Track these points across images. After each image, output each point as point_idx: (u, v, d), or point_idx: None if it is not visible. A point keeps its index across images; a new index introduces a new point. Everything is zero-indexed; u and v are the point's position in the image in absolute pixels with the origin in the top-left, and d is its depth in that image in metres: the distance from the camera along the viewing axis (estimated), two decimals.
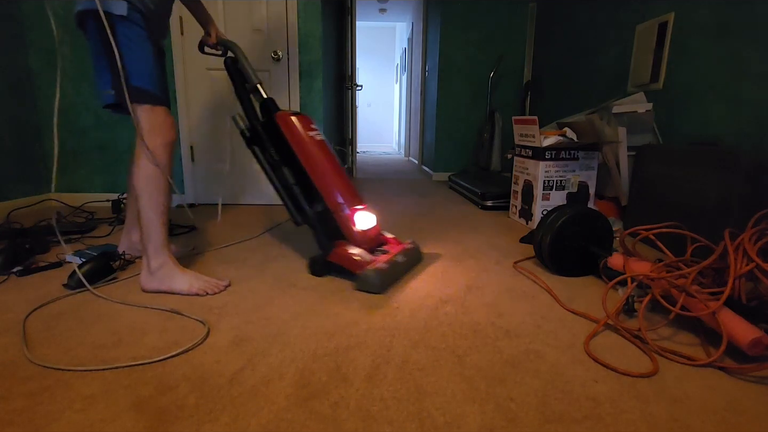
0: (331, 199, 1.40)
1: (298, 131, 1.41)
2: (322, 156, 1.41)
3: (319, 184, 1.40)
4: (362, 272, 1.26)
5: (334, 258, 1.35)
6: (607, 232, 1.44)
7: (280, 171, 1.43)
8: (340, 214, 1.39)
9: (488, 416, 0.73)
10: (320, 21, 2.45)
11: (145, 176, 1.19)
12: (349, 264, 1.32)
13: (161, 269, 1.22)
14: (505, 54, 3.73)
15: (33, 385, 0.79)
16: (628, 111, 1.95)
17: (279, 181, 1.45)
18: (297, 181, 1.43)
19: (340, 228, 1.40)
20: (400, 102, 8.05)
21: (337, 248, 1.36)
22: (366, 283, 1.26)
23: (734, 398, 0.79)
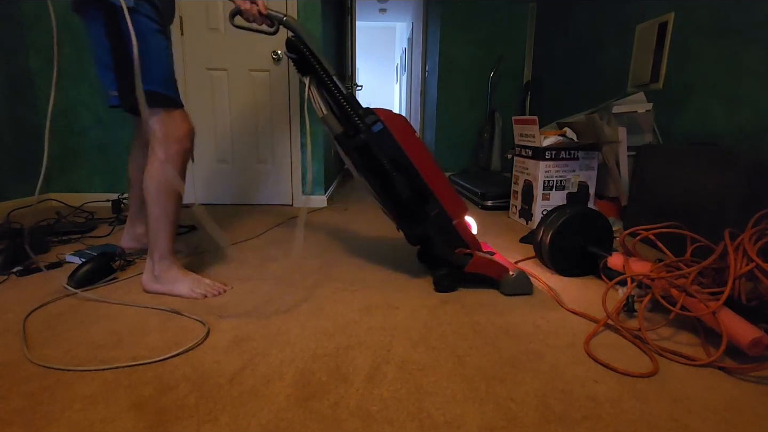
0: (450, 205, 1.26)
1: (411, 132, 1.25)
2: (432, 160, 1.27)
3: (438, 192, 1.25)
4: (509, 275, 1.23)
5: (476, 268, 1.25)
6: (607, 232, 1.44)
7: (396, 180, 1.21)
8: (462, 221, 1.28)
9: (488, 416, 0.73)
10: (320, 21, 2.45)
11: (156, 184, 1.15)
12: (494, 270, 1.26)
13: (165, 274, 1.21)
14: (505, 54, 3.73)
15: (33, 385, 0.79)
16: (628, 111, 1.95)
17: (390, 194, 1.24)
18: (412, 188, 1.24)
19: (462, 235, 1.27)
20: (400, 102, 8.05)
21: (477, 257, 1.25)
22: (521, 285, 1.23)
23: (734, 398, 0.79)
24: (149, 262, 1.21)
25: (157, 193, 1.15)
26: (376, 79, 9.27)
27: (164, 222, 1.18)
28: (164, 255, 1.20)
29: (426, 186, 1.23)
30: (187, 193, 2.61)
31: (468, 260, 1.25)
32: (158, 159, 1.13)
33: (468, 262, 1.25)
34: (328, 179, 2.86)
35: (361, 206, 2.67)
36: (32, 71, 2.40)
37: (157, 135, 1.13)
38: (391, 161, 1.20)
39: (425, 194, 1.24)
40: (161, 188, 1.15)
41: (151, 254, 1.20)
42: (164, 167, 1.13)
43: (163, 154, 1.13)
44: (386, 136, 1.20)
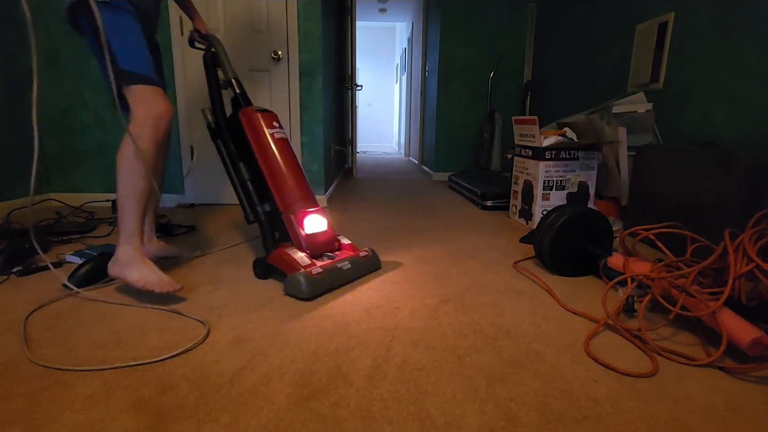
0: (282, 199, 1.37)
1: (258, 127, 1.40)
2: (278, 154, 1.39)
3: (271, 182, 1.38)
4: (291, 275, 1.21)
5: (272, 260, 1.31)
6: (607, 232, 1.44)
7: (237, 166, 1.44)
8: (289, 215, 1.35)
9: (488, 416, 0.73)
10: (320, 21, 2.45)
11: (125, 160, 1.14)
12: (283, 265, 1.26)
13: (124, 257, 1.17)
14: (505, 54, 3.73)
15: (33, 385, 0.79)
16: (628, 111, 1.95)
17: (236, 177, 1.45)
18: (252, 179, 1.43)
19: (287, 230, 1.36)
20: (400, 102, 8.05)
21: (278, 250, 1.30)
22: (292, 286, 1.20)
23: (734, 398, 0.79)
24: (117, 246, 1.19)
25: (125, 169, 1.14)
26: (376, 79, 9.27)
27: (131, 200, 1.15)
28: (129, 236, 1.17)
29: (265, 180, 1.39)
30: (190, 194, 2.61)
31: (271, 251, 1.33)
32: (131, 134, 1.13)
33: (270, 252, 1.33)
34: (327, 179, 2.85)
35: (361, 206, 2.67)
36: (32, 71, 2.40)
37: (134, 112, 1.14)
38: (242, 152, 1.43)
39: (264, 187, 1.40)
40: (128, 164, 1.14)
41: (119, 236, 1.19)
42: (136, 142, 1.13)
43: (135, 129, 1.13)
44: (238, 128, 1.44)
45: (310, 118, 2.57)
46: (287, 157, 1.41)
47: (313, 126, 2.58)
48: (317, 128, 2.59)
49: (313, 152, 2.61)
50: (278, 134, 1.43)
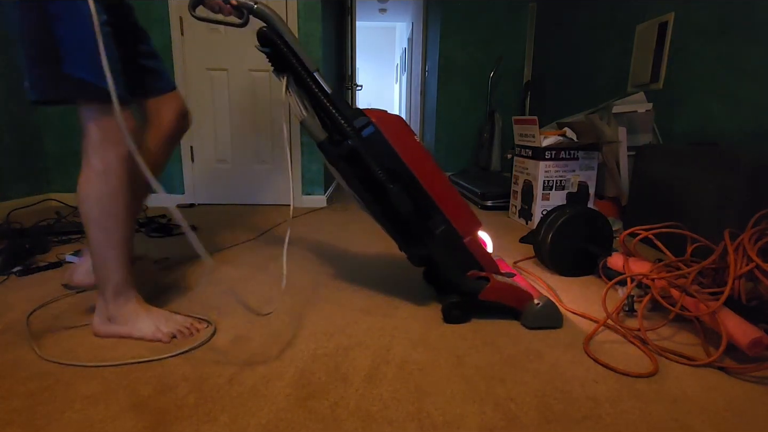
0: (461, 221, 1.08)
1: (410, 137, 1.06)
2: (435, 168, 1.08)
3: (444, 205, 1.07)
4: (533, 304, 1.03)
5: (490, 295, 1.05)
6: (607, 232, 1.44)
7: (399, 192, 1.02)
8: (474, 238, 1.09)
9: (488, 416, 0.73)
10: (320, 21, 2.45)
11: (95, 199, 0.91)
12: (515, 297, 1.06)
13: (121, 312, 0.97)
14: (505, 54, 3.73)
15: (33, 385, 0.79)
16: (628, 111, 1.95)
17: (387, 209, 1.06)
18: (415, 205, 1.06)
19: (474, 255, 1.09)
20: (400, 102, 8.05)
21: (495, 281, 1.06)
22: (546, 316, 1.03)
23: (734, 398, 0.79)
24: (100, 301, 0.97)
25: (99, 212, 0.92)
26: (376, 79, 9.27)
27: (110, 247, 0.94)
28: (119, 290, 0.97)
29: (429, 198, 1.06)
30: (190, 194, 2.61)
31: (483, 285, 1.06)
32: (94, 169, 0.90)
33: (482, 287, 1.05)
34: (327, 179, 2.85)
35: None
36: None
37: (90, 135, 0.89)
38: (386, 170, 1.02)
39: (428, 208, 1.06)
40: (102, 204, 0.91)
41: (102, 291, 0.97)
42: (103, 179, 0.90)
43: (99, 163, 0.90)
44: (379, 141, 1.02)
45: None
46: (441, 171, 1.10)
47: None
48: None
49: (313, 152, 2.61)
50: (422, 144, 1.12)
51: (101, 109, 0.88)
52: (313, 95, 1.03)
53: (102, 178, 0.90)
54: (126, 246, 0.96)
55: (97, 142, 0.89)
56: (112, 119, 0.89)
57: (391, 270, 1.47)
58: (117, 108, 0.83)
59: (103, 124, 0.89)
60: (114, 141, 0.90)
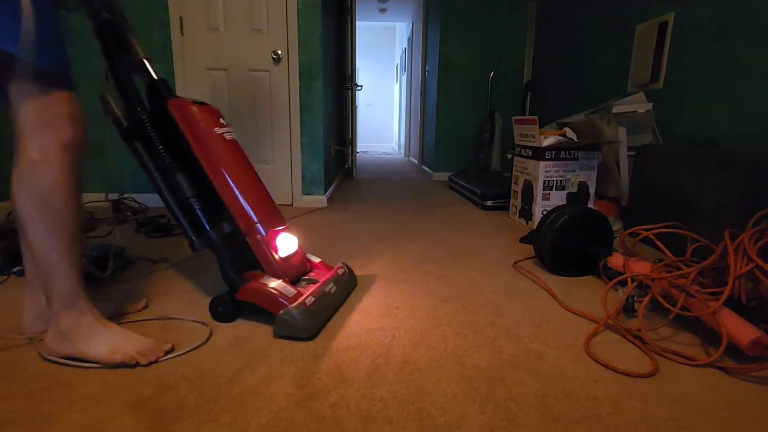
0: (245, 218, 1.09)
1: (202, 126, 1.08)
2: (233, 160, 1.10)
3: (228, 198, 1.08)
4: (282, 312, 0.97)
5: (245, 295, 1.04)
6: (607, 232, 1.44)
7: (174, 178, 1.07)
8: (256, 237, 1.09)
9: (488, 416, 0.73)
10: (320, 21, 2.45)
11: (31, 194, 0.79)
12: (267, 301, 1.01)
13: (75, 328, 0.85)
14: (505, 54, 3.73)
15: (33, 385, 0.79)
16: (628, 111, 1.95)
17: (171, 192, 1.08)
18: (196, 193, 1.09)
19: (256, 255, 1.09)
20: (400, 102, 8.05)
21: (252, 282, 1.04)
22: (288, 325, 0.97)
23: (734, 398, 0.79)
24: (53, 316, 0.86)
25: (37, 209, 0.79)
26: (376, 79, 9.27)
27: (55, 252, 0.82)
28: (68, 300, 0.85)
29: (216, 193, 1.08)
30: None
31: (240, 285, 1.05)
32: (28, 160, 0.78)
33: (239, 287, 1.05)
34: (327, 179, 2.85)
35: (361, 206, 2.67)
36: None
37: (26, 120, 0.78)
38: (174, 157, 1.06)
39: (216, 202, 1.08)
40: (41, 202, 0.79)
41: (50, 303, 0.85)
42: (40, 171, 0.78)
43: (35, 152, 0.78)
44: (172, 126, 1.07)
45: (310, 119, 2.57)
46: (243, 164, 1.13)
47: (313, 126, 2.58)
48: (317, 128, 2.59)
49: (313, 152, 2.61)
50: (228, 135, 1.13)
51: (36, 89, 0.77)
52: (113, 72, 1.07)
53: (39, 170, 0.78)
54: (73, 248, 0.84)
55: (31, 129, 0.78)
56: (53, 102, 0.79)
57: (392, 270, 1.47)
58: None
59: (38, 107, 0.78)
60: (52, 127, 0.79)
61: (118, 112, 1.08)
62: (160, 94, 1.11)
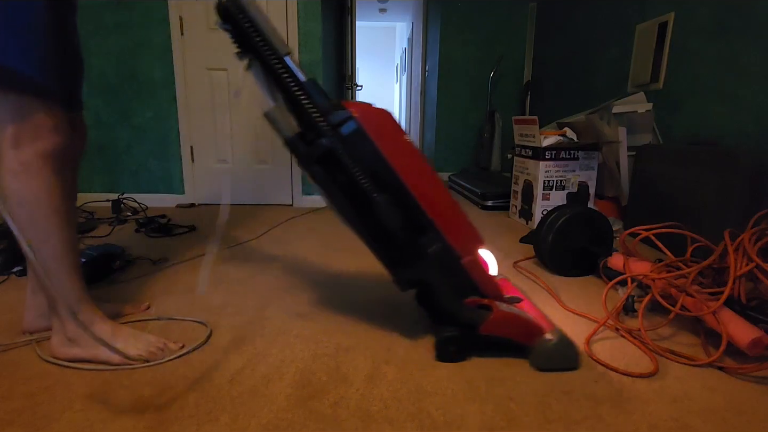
0: (457, 239, 0.90)
1: (398, 135, 0.88)
2: (429, 173, 0.90)
3: (438, 219, 0.89)
4: (545, 340, 0.85)
5: (493, 328, 0.87)
6: (607, 232, 1.44)
7: (382, 203, 0.86)
8: (470, 258, 0.91)
9: (488, 416, 0.73)
10: (320, 21, 2.45)
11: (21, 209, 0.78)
12: (522, 331, 0.87)
13: (83, 333, 0.85)
14: (505, 54, 3.73)
15: (33, 385, 0.79)
16: (628, 111, 1.95)
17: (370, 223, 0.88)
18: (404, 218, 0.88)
19: (471, 277, 0.91)
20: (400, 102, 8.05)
21: (499, 311, 0.87)
22: (562, 356, 0.85)
23: (734, 398, 0.79)
24: (55, 320, 0.86)
25: (26, 222, 0.78)
26: (376, 79, 9.27)
27: (53, 258, 0.81)
28: (74, 306, 0.85)
29: (421, 210, 0.89)
30: (190, 194, 2.60)
31: (484, 316, 0.88)
32: (9, 170, 0.77)
33: (484, 319, 0.87)
34: None
35: None
36: None
37: (5, 133, 0.77)
38: (369, 176, 0.86)
39: (420, 222, 0.89)
40: (28, 213, 0.78)
41: (55, 310, 0.85)
42: (21, 181, 0.78)
43: (14, 162, 0.77)
44: (361, 141, 0.86)
45: None
46: (437, 177, 0.92)
47: None
48: None
49: None
50: (414, 143, 0.95)
51: (21, 100, 0.77)
52: (280, 82, 0.86)
53: (21, 181, 0.78)
54: (70, 255, 0.84)
55: (12, 138, 0.77)
56: (36, 112, 0.78)
57: None
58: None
59: (23, 117, 0.77)
60: (33, 136, 0.78)
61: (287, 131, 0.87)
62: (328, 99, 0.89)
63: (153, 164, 2.56)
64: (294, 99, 0.86)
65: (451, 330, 0.90)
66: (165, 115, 2.50)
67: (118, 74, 2.43)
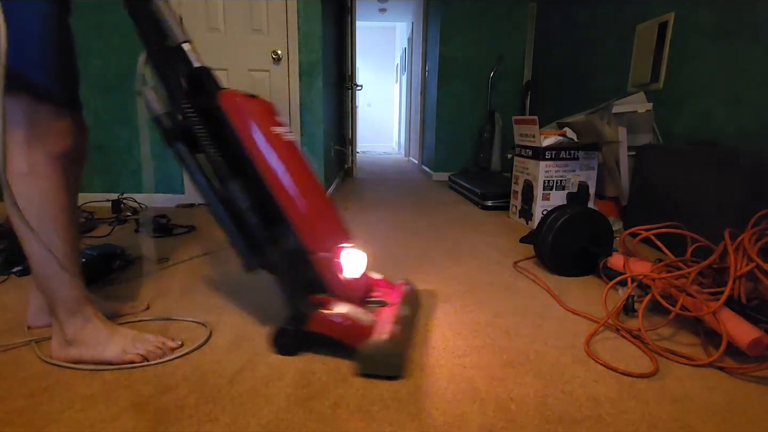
0: (311, 233, 0.92)
1: (259, 125, 0.91)
2: (294, 166, 0.93)
3: (292, 210, 0.91)
4: (367, 346, 0.84)
5: (317, 325, 0.88)
6: (607, 232, 1.44)
7: (229, 187, 0.93)
8: (322, 255, 0.93)
9: (488, 416, 0.73)
10: (320, 21, 2.45)
11: (26, 209, 0.79)
12: (346, 333, 0.87)
13: (81, 334, 0.86)
14: (505, 54, 3.73)
15: (33, 385, 0.79)
16: (628, 111, 1.95)
17: (222, 202, 0.95)
18: (253, 204, 0.93)
19: (321, 276, 0.93)
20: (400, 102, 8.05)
21: (322, 310, 0.89)
22: (378, 362, 0.83)
23: (734, 398, 0.79)
24: (54, 322, 0.86)
25: (36, 219, 0.80)
26: (376, 79, 9.27)
27: (54, 262, 0.82)
28: (72, 309, 0.85)
29: (275, 202, 0.90)
30: (190, 194, 2.60)
31: (310, 314, 0.89)
32: (17, 171, 0.78)
33: (310, 316, 0.89)
34: (327, 179, 2.85)
35: (362, 206, 2.67)
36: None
37: (14, 135, 0.78)
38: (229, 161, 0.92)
39: (275, 215, 0.91)
40: (34, 214, 0.80)
41: (53, 312, 0.86)
42: (28, 183, 0.79)
43: (22, 164, 0.78)
44: (224, 126, 0.90)
45: (310, 119, 2.57)
46: (306, 171, 0.96)
47: (313, 126, 2.58)
48: (317, 128, 2.59)
49: (313, 152, 2.61)
50: (287, 135, 0.97)
51: (30, 103, 0.78)
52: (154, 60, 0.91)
53: (27, 182, 0.79)
54: (71, 256, 0.86)
55: (21, 140, 0.79)
56: (44, 115, 0.80)
57: (391, 270, 1.47)
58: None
59: (31, 120, 0.79)
60: (43, 138, 0.80)
61: (159, 109, 0.93)
62: (206, 86, 0.94)
63: (153, 164, 2.56)
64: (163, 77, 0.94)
65: (287, 323, 0.92)
66: None
67: (118, 74, 2.43)
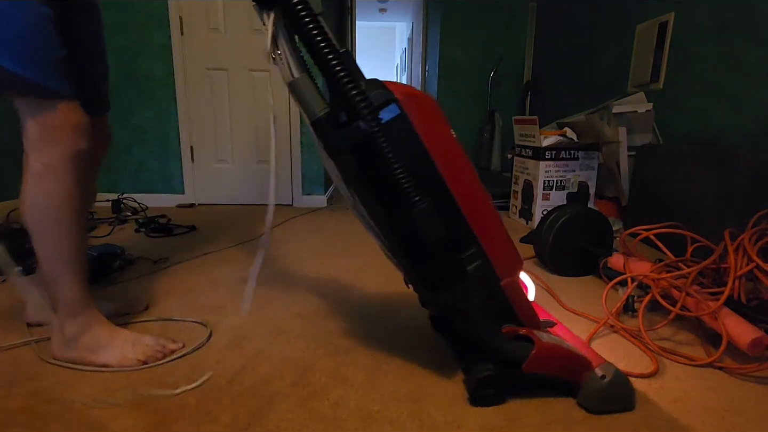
0: (502, 255, 0.75)
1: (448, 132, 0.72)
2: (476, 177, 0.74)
3: (483, 230, 0.73)
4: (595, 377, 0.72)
5: (538, 365, 0.72)
6: (607, 232, 1.44)
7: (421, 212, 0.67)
8: (514, 280, 0.76)
9: (488, 416, 0.73)
10: None
11: (35, 206, 0.81)
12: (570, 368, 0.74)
13: (82, 335, 0.86)
14: (505, 54, 3.73)
15: (33, 385, 0.79)
16: (628, 111, 1.95)
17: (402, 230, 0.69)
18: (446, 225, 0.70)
19: (511, 303, 0.76)
20: None
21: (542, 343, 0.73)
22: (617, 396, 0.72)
23: (734, 398, 0.79)
24: (55, 321, 0.87)
25: (41, 222, 0.81)
26: None
27: (60, 261, 0.83)
28: (74, 309, 0.86)
29: (465, 221, 0.72)
30: (190, 194, 2.60)
31: (527, 351, 0.72)
32: (33, 172, 0.80)
33: (527, 354, 0.72)
34: (327, 179, 2.85)
35: None
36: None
37: (30, 132, 0.80)
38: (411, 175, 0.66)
39: (462, 235, 0.72)
40: (45, 214, 0.81)
41: (56, 311, 0.87)
42: (44, 183, 0.80)
43: (38, 164, 0.80)
44: (403, 130, 0.67)
45: None
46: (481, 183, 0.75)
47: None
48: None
49: (313, 152, 2.61)
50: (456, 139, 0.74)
51: (38, 103, 0.78)
52: (314, 47, 0.65)
53: (42, 182, 0.80)
54: (79, 259, 0.86)
55: (36, 141, 0.80)
56: (54, 114, 0.79)
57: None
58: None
59: (41, 119, 0.78)
60: (56, 139, 0.80)
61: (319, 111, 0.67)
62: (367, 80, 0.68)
63: (153, 164, 2.56)
64: (328, 69, 0.65)
65: (488, 368, 0.74)
66: (165, 115, 2.50)
67: (118, 74, 2.43)
